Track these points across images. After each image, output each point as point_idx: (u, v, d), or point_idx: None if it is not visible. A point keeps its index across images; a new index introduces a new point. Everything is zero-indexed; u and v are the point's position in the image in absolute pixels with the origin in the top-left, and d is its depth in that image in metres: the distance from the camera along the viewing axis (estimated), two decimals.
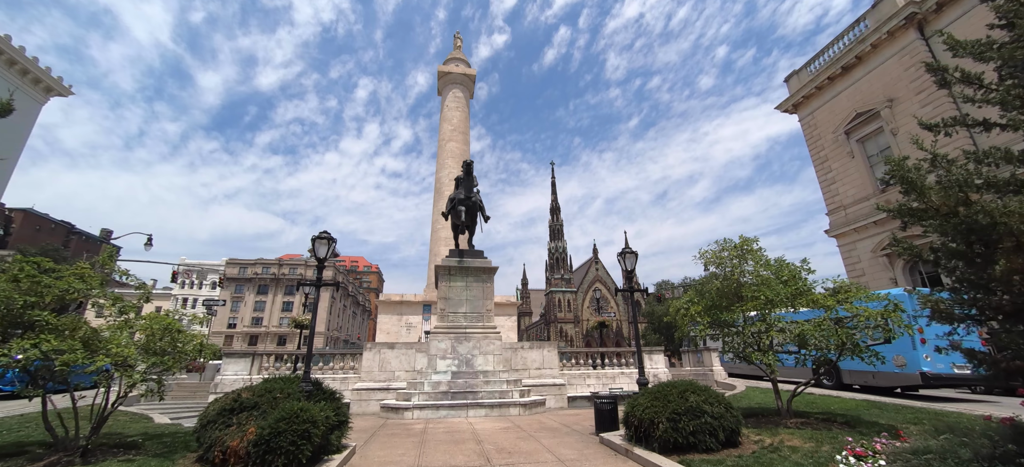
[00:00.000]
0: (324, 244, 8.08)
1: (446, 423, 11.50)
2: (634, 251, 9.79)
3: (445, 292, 15.54)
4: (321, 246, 8.08)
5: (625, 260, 9.74)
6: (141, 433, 8.52)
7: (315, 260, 8.08)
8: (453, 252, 16.44)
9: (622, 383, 16.50)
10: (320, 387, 7.51)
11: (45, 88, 23.79)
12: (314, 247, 8.07)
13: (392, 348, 14.94)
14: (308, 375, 7.35)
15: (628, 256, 9.76)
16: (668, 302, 10.16)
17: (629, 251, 9.74)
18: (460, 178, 17.38)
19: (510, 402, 13.01)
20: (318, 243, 8.08)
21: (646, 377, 8.99)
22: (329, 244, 8.11)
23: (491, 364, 14.68)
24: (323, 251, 8.12)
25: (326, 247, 8.13)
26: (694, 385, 7.61)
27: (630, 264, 9.76)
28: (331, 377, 14.57)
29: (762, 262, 9.53)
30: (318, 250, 8.11)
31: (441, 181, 35.53)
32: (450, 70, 40.36)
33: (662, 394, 7.37)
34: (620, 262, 9.85)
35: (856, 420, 8.95)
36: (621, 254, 9.76)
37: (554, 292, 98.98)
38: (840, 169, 28.26)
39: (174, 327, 6.95)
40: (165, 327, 6.85)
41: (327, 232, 8.11)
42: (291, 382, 7.09)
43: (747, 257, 9.53)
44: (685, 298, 9.89)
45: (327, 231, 8.10)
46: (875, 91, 26.11)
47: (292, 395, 6.55)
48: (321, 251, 8.13)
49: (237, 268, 77.44)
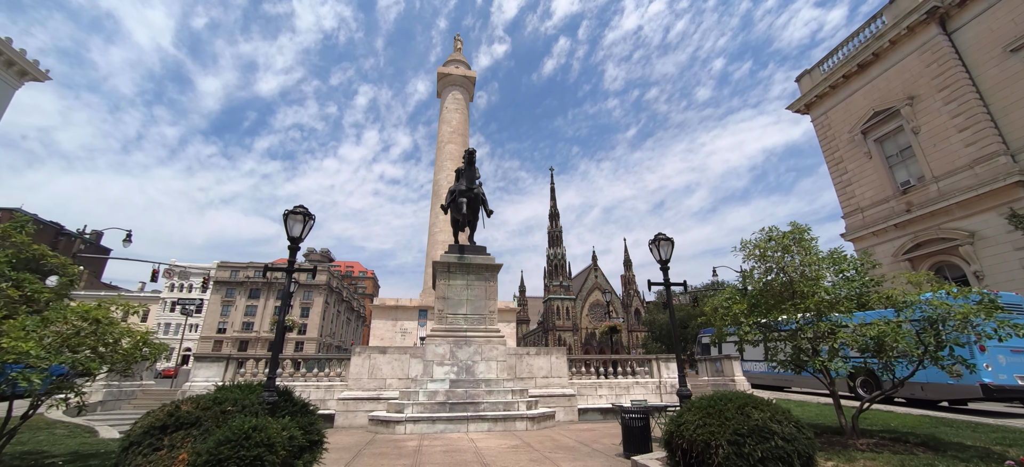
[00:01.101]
0: (298, 221, 6.62)
1: (443, 439, 9.97)
2: (669, 238, 8.37)
3: (443, 291, 14.05)
4: (294, 223, 6.63)
5: (659, 248, 8.29)
6: (70, 453, 6.95)
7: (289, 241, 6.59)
8: (453, 247, 14.98)
9: (637, 393, 15.00)
10: (289, 397, 5.99)
11: (19, 71, 22.28)
12: (287, 224, 6.63)
13: (384, 353, 13.40)
14: (272, 382, 5.84)
15: (663, 244, 8.31)
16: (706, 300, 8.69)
17: (663, 238, 8.30)
18: (461, 169, 15.97)
19: (516, 415, 11.49)
20: (291, 220, 6.61)
21: (688, 388, 7.52)
22: (305, 221, 6.65)
23: (494, 372, 13.16)
24: (297, 229, 6.66)
25: (301, 225, 6.67)
26: (753, 398, 6.16)
27: (665, 253, 8.32)
28: (315, 385, 12.99)
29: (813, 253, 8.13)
30: (291, 228, 6.65)
31: (439, 184, 34.29)
32: (450, 72, 39.33)
33: (716, 409, 5.91)
34: (653, 251, 8.41)
35: (934, 440, 7.52)
36: (654, 242, 8.32)
37: (553, 299, 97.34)
38: (856, 170, 27.08)
39: (95, 315, 5.46)
40: (81, 314, 5.35)
41: (303, 207, 6.62)
42: (250, 391, 5.61)
43: (794, 248, 8.13)
44: (722, 296, 8.47)
45: (304, 206, 6.63)
46: (894, 89, 25.02)
47: (248, 408, 5.06)
48: (294, 229, 6.66)
49: (228, 271, 75.47)
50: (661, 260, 8.31)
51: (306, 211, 6.64)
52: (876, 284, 7.81)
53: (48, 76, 23.63)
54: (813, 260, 7.99)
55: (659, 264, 8.37)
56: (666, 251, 8.30)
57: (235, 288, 74.60)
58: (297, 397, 6.10)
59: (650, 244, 8.42)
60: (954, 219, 21.37)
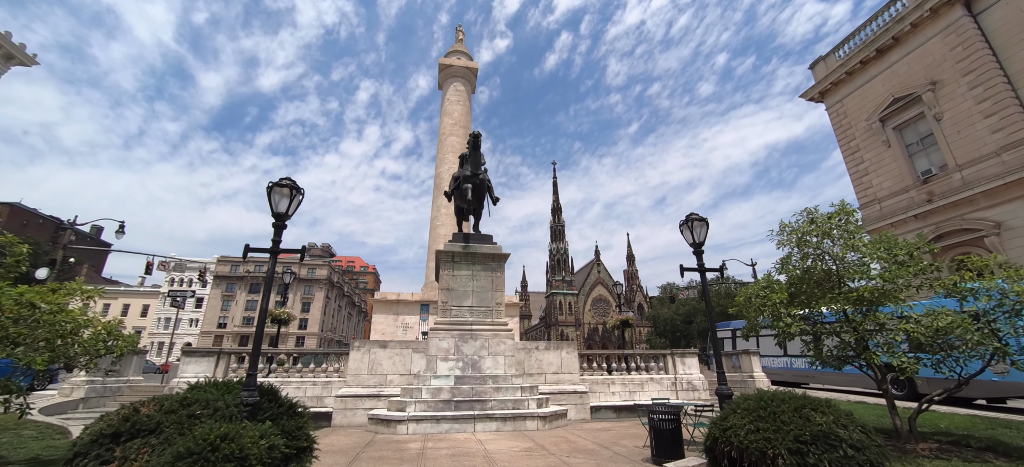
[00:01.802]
0: (284, 195, 5.75)
1: (449, 440, 9.18)
2: (703, 218, 7.44)
3: (447, 282, 13.23)
4: (280, 197, 5.75)
5: (692, 230, 7.37)
6: (30, 459, 6.15)
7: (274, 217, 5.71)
8: (457, 236, 14.14)
9: (651, 390, 14.20)
10: (273, 397, 5.17)
11: (4, 54, 21.43)
12: (271, 199, 5.76)
13: (384, 347, 12.61)
14: (253, 379, 5.01)
15: (696, 225, 7.37)
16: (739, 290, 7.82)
17: (697, 219, 7.37)
18: (465, 155, 15.10)
19: (526, 413, 10.70)
20: (276, 193, 5.72)
21: (728, 386, 6.65)
22: (292, 195, 5.79)
23: (502, 367, 12.36)
24: (283, 204, 5.79)
25: (288, 200, 5.82)
26: (809, 398, 5.34)
27: (699, 235, 7.39)
28: (312, 381, 12.21)
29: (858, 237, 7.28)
30: (276, 202, 5.77)
31: (441, 177, 33.51)
32: (451, 63, 38.38)
33: (768, 412, 5.09)
34: (685, 234, 7.49)
35: (1000, 444, 6.71)
36: (686, 223, 7.38)
37: (555, 294, 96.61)
38: (873, 159, 26.12)
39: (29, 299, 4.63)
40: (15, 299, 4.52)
41: (290, 179, 5.75)
42: (227, 391, 4.81)
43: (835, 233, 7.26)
44: (758, 285, 7.62)
45: (290, 178, 5.76)
46: (915, 74, 24.02)
47: (222, 411, 4.25)
48: (280, 204, 5.79)
49: (228, 266, 74.78)
50: (694, 243, 7.38)
51: (293, 184, 5.75)
52: (935, 269, 6.97)
53: (35, 60, 22.77)
54: (858, 245, 7.14)
55: (692, 248, 7.44)
56: (700, 233, 7.37)
57: (235, 283, 73.96)
58: (284, 397, 5.30)
59: (682, 226, 7.51)
60: (979, 209, 20.46)
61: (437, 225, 31.86)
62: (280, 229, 5.83)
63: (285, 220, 5.84)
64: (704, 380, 14.62)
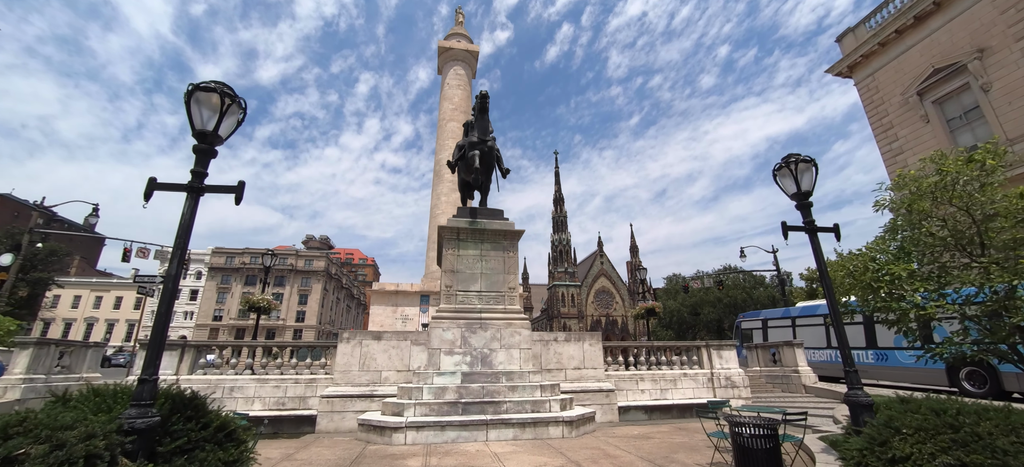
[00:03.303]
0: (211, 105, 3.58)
1: (457, 455, 7.37)
2: (809, 159, 5.47)
3: (452, 263, 11.37)
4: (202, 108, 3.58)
5: (797, 175, 5.39)
6: None
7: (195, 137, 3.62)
8: (462, 211, 12.26)
9: (686, 388, 12.42)
10: (195, 411, 3.28)
11: None
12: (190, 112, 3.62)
13: (378, 339, 10.78)
14: (150, 388, 3.13)
15: (802, 168, 5.34)
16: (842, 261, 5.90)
17: (801, 160, 5.42)
18: (470, 122, 13.18)
19: (549, 418, 8.89)
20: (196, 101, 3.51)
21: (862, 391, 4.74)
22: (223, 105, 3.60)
23: (517, 362, 10.55)
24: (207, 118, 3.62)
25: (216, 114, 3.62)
26: (1013, 409, 3.51)
27: (806, 182, 5.44)
28: (294, 378, 10.41)
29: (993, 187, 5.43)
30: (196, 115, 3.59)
31: (440, 164, 31.80)
32: (451, 46, 36.37)
33: (966, 431, 3.26)
34: (783, 182, 5.49)
35: None
36: (786, 165, 5.35)
37: (558, 286, 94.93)
38: (909, 136, 24.14)
39: None
40: None
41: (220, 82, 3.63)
42: (106, 407, 2.97)
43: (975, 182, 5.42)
44: (863, 256, 5.74)
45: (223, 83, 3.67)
46: (959, 42, 21.99)
47: (72, 457, 2.37)
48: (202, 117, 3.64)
49: (224, 257, 72.96)
50: (799, 193, 5.41)
51: (225, 88, 3.73)
52: None
53: None
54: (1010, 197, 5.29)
55: (795, 200, 5.50)
56: (807, 179, 5.41)
57: (231, 274, 72.22)
58: (214, 412, 3.45)
59: (778, 173, 5.49)
60: None
61: (437, 215, 30.18)
62: (206, 156, 3.88)
63: (214, 143, 3.88)
64: (744, 376, 12.83)
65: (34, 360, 9.84)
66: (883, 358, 14.22)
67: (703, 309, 63.26)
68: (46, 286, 52.23)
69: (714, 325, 62.00)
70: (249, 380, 10.22)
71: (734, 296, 59.21)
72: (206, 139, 3.88)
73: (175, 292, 3.61)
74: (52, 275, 51.28)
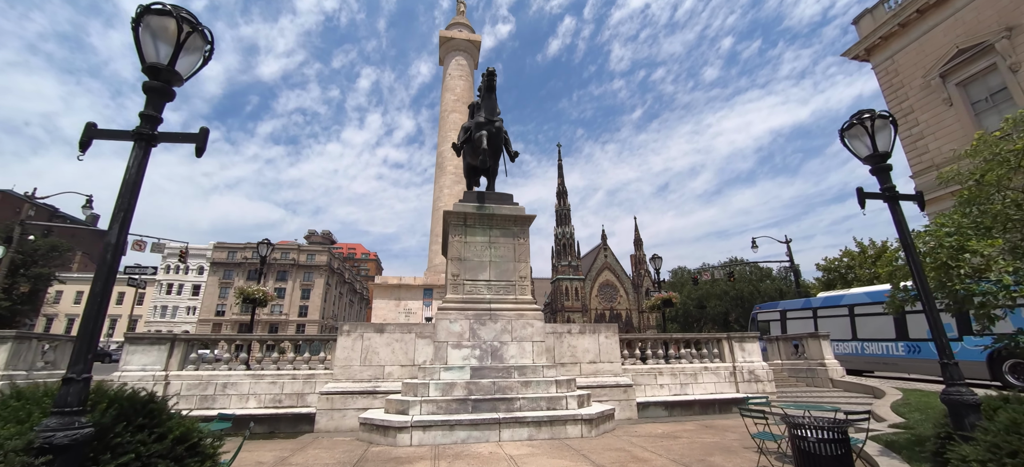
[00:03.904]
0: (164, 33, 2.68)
1: (468, 456, 6.69)
2: (885, 114, 4.65)
3: (459, 251, 10.65)
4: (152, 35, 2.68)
5: (874, 133, 4.53)
6: None
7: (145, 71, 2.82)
8: (469, 195, 11.51)
9: (707, 382, 11.72)
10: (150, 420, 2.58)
11: None
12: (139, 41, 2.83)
13: (381, 332, 10.09)
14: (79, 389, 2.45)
15: (878, 125, 4.53)
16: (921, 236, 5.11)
17: (877, 115, 4.61)
18: (476, 103, 12.40)
19: (566, 416, 8.20)
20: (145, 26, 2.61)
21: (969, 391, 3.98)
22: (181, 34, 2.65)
23: (530, 356, 9.85)
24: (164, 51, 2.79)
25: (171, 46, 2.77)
26: None
27: (883, 142, 4.58)
28: (291, 374, 9.74)
29: None
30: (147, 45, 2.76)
31: (443, 156, 31.14)
32: (453, 35, 35.53)
33: None
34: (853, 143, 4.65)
35: None
36: (859, 121, 4.51)
37: (561, 280, 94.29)
38: (931, 120, 23.20)
39: None
40: None
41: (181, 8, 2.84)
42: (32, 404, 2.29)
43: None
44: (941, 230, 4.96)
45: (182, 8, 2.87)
46: (986, 20, 20.99)
47: None
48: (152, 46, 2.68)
49: (225, 252, 72.52)
50: (876, 155, 4.59)
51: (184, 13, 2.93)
52: None
53: None
54: None
55: (869, 163, 4.66)
56: (883, 138, 4.59)
57: (233, 269, 71.78)
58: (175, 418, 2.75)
59: (846, 132, 4.70)
60: None
61: (440, 207, 29.54)
62: (158, 96, 3.04)
63: (169, 80, 3.04)
64: (769, 370, 12.10)
65: (13, 355, 9.22)
66: (915, 350, 13.51)
67: (710, 302, 62.50)
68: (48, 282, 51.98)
69: (721, 318, 61.24)
70: (243, 375, 9.56)
71: (741, 289, 58.42)
72: (159, 76, 3.10)
73: (115, 266, 2.88)
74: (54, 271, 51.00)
